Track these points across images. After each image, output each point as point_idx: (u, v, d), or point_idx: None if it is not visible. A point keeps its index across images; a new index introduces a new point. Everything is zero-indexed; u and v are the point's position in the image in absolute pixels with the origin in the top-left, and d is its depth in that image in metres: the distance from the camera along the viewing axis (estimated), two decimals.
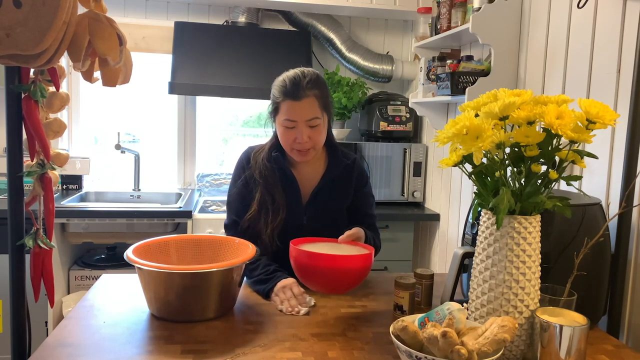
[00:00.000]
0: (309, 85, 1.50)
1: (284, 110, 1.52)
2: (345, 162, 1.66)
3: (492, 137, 1.03)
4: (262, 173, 1.60)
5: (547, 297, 1.12)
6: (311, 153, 1.57)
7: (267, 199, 1.58)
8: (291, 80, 1.51)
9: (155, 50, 3.15)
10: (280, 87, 1.53)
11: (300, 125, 1.51)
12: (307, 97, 1.50)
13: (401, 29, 3.40)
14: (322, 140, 1.58)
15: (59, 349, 1.11)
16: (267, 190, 1.59)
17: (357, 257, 1.34)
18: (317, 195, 1.62)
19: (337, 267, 1.32)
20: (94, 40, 1.17)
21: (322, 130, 1.56)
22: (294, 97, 1.49)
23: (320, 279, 1.33)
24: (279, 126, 1.56)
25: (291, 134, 1.53)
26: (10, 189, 1.24)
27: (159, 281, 1.25)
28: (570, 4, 1.77)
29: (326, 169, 1.65)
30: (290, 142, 1.54)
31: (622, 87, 1.51)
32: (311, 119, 1.51)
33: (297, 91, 1.49)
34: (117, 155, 3.10)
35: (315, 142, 1.54)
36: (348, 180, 1.67)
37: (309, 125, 1.52)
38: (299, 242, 1.44)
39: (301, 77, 1.51)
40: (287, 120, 1.51)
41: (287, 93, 1.50)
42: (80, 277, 2.82)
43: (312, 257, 1.32)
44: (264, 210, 1.58)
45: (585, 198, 1.39)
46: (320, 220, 1.62)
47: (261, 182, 1.59)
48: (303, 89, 1.49)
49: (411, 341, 0.99)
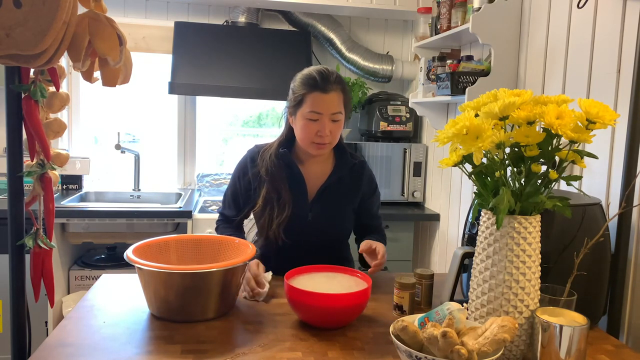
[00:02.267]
0: (336, 80, 1.55)
1: (310, 102, 1.53)
2: (353, 162, 1.68)
3: (492, 137, 1.03)
4: (268, 170, 1.62)
5: (547, 297, 1.12)
6: (327, 148, 1.59)
7: (272, 196, 1.60)
8: (319, 74, 1.54)
9: (155, 50, 3.15)
10: (307, 80, 1.55)
11: (325, 118, 1.53)
12: (334, 90, 1.54)
13: (401, 29, 3.40)
14: (338, 137, 1.62)
15: (59, 349, 1.11)
16: (273, 187, 1.60)
17: (352, 295, 1.25)
18: (323, 193, 1.64)
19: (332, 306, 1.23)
20: (94, 40, 1.17)
21: (341, 126, 1.59)
22: (322, 90, 1.52)
23: (314, 316, 1.26)
24: (300, 119, 1.56)
25: (314, 127, 1.54)
26: (10, 189, 1.24)
27: (159, 281, 1.25)
28: (570, 4, 1.77)
29: (334, 168, 1.67)
30: (312, 135, 1.55)
31: (622, 87, 1.51)
32: (335, 112, 1.54)
33: (326, 84, 1.52)
34: (117, 155, 3.10)
35: (334, 137, 1.58)
36: (356, 183, 1.69)
37: (332, 119, 1.54)
38: (295, 273, 1.37)
39: (328, 72, 1.56)
40: (313, 112, 1.53)
41: (316, 85, 1.53)
42: (80, 277, 2.82)
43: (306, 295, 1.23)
44: (270, 206, 1.60)
45: (585, 198, 1.39)
46: (325, 218, 1.63)
47: (267, 178, 1.61)
48: (331, 83, 1.53)
49: (411, 341, 0.99)
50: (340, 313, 1.24)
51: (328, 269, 1.42)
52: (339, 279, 1.38)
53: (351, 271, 1.41)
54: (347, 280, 1.37)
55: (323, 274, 1.41)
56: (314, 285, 1.29)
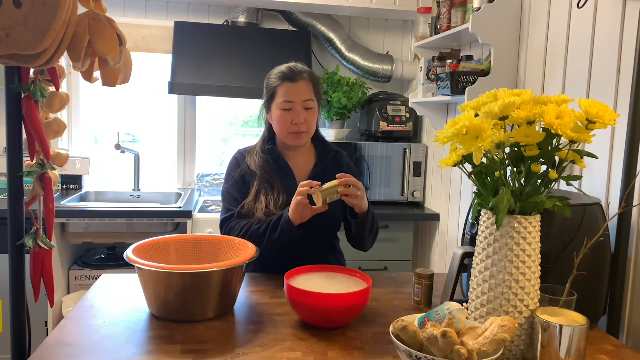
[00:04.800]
0: (304, 70, 1.68)
1: (281, 93, 1.64)
2: (335, 151, 1.77)
3: (492, 137, 1.03)
4: (258, 166, 1.68)
5: (547, 297, 1.12)
6: (305, 137, 1.68)
7: (266, 186, 1.65)
8: (287, 67, 1.67)
9: (155, 50, 3.15)
10: (277, 74, 1.67)
11: (297, 107, 1.63)
12: (303, 79, 1.65)
13: (401, 29, 3.40)
14: (314, 126, 1.71)
15: (59, 349, 1.11)
16: (264, 180, 1.66)
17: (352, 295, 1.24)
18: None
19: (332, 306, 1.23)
20: (94, 40, 1.17)
21: (315, 115, 1.69)
22: (291, 80, 1.64)
23: (314, 316, 1.25)
24: (276, 111, 1.66)
25: (289, 116, 1.63)
26: (10, 189, 1.24)
27: (159, 281, 1.25)
28: (570, 4, 1.77)
29: (317, 158, 1.75)
30: (288, 125, 1.64)
31: (622, 87, 1.51)
32: (307, 100, 1.64)
33: (294, 74, 1.65)
34: (117, 155, 3.10)
35: (309, 126, 1.66)
36: (339, 170, 1.68)
37: (305, 107, 1.64)
38: (295, 273, 1.36)
39: (296, 65, 1.69)
40: (285, 101, 1.63)
41: (285, 77, 1.64)
42: (80, 277, 2.82)
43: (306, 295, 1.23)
44: (265, 197, 1.64)
45: (585, 198, 1.39)
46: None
47: (258, 172, 1.67)
48: (299, 73, 1.66)
49: (411, 341, 0.99)
50: (340, 313, 1.24)
51: (328, 269, 1.42)
52: (339, 279, 1.38)
53: (351, 271, 1.41)
54: (347, 280, 1.37)
55: (323, 274, 1.41)
56: (314, 285, 1.29)
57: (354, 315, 1.29)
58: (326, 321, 1.26)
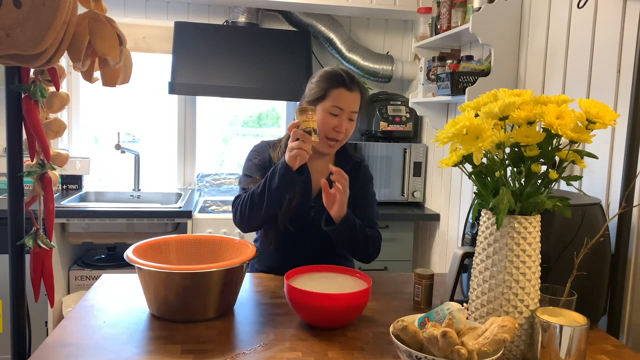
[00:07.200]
0: (358, 81, 1.65)
1: (333, 97, 1.59)
2: (355, 160, 1.73)
3: (492, 137, 1.03)
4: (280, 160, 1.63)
5: (547, 297, 1.12)
6: (337, 146, 1.65)
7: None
8: (346, 73, 1.63)
9: (155, 50, 3.15)
10: (333, 76, 1.61)
11: (344, 115, 1.60)
12: (357, 90, 1.62)
13: (401, 29, 3.40)
14: (349, 137, 1.68)
15: (59, 349, 1.11)
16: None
17: (352, 295, 1.24)
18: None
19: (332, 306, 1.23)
20: (94, 40, 1.17)
21: (354, 127, 1.66)
22: (348, 88, 1.60)
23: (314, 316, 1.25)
24: (321, 112, 1.60)
25: (333, 121, 1.60)
26: (10, 189, 1.24)
27: (159, 281, 1.25)
28: (570, 4, 1.77)
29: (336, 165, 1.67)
30: (329, 129, 1.60)
31: (622, 87, 1.51)
32: (354, 111, 1.62)
33: (352, 83, 1.61)
34: (117, 155, 3.10)
35: (347, 135, 1.64)
36: (355, 178, 1.70)
37: (350, 117, 1.62)
38: (295, 273, 1.36)
39: (353, 74, 1.65)
40: (336, 107, 1.59)
41: (342, 82, 1.60)
42: (80, 277, 2.82)
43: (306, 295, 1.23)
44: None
45: (585, 198, 1.39)
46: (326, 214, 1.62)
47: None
48: (356, 83, 1.63)
49: (411, 341, 0.99)
50: (340, 313, 1.24)
51: (328, 269, 1.42)
52: (339, 279, 1.38)
53: (351, 271, 1.41)
54: (347, 281, 1.37)
55: (323, 274, 1.41)
56: (314, 285, 1.29)
57: (354, 315, 1.29)
58: (326, 321, 1.26)
